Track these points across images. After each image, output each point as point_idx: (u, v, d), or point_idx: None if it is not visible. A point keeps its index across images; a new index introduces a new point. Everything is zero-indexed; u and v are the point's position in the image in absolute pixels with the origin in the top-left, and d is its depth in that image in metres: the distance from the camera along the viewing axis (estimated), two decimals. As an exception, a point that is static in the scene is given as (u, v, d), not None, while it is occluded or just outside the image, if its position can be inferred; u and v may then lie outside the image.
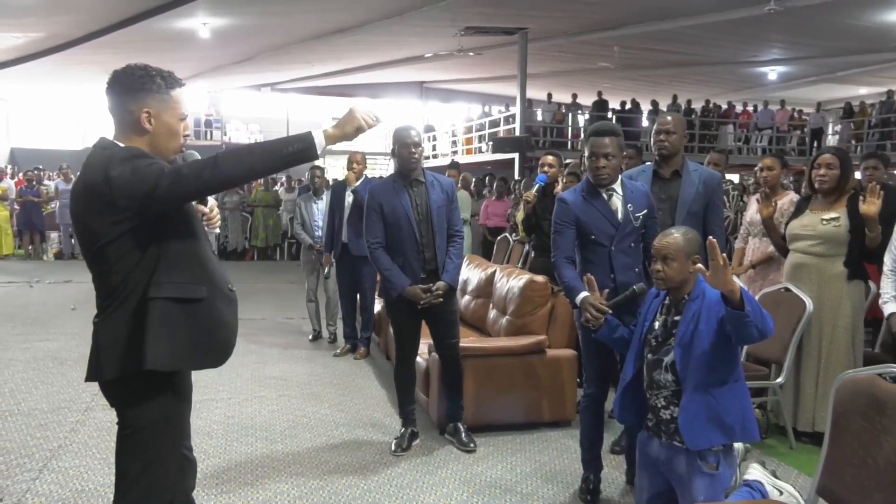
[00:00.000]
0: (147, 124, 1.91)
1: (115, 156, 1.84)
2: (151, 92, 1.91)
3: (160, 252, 1.90)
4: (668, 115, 3.61)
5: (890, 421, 1.96)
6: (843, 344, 3.69)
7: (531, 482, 3.36)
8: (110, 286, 1.91)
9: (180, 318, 1.90)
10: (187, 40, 14.14)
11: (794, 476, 3.39)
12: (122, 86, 1.91)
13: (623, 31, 14.18)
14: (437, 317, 3.72)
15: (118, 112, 1.93)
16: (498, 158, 15.96)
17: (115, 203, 1.81)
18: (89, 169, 1.87)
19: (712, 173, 3.59)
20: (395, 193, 3.66)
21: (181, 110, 1.98)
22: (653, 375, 2.78)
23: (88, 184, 1.86)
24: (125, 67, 1.94)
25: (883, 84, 17.95)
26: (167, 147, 1.97)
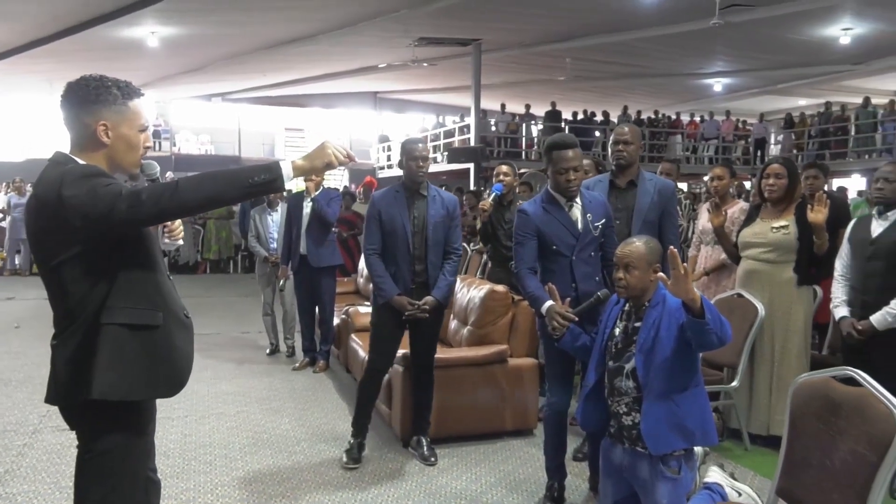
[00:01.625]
0: (104, 137, 1.83)
1: (70, 173, 1.74)
2: (108, 103, 1.82)
3: (114, 276, 1.81)
4: (626, 126, 3.68)
5: (845, 422, 2.03)
6: (796, 348, 3.81)
7: (496, 492, 3.37)
8: (65, 308, 1.83)
9: (133, 345, 1.82)
10: (135, 49, 13.82)
11: (751, 477, 3.47)
12: (76, 98, 1.82)
13: (575, 43, 14.45)
14: (421, 330, 3.72)
15: (73, 125, 1.84)
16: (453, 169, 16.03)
17: (68, 223, 1.72)
18: (43, 185, 1.78)
19: (667, 183, 3.67)
20: (395, 204, 3.66)
21: (140, 121, 1.90)
22: (614, 382, 2.83)
23: (41, 201, 1.78)
24: (80, 79, 1.85)
25: (821, 96, 18.72)
26: (126, 160, 1.89)
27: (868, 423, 1.97)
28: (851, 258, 3.51)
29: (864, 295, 3.39)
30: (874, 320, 3.28)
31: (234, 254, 13.28)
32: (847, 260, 3.54)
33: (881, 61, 15.42)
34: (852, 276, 3.50)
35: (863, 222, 3.52)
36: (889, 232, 3.33)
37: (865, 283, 3.40)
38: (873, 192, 3.45)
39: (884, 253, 3.33)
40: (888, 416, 1.92)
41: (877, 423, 1.94)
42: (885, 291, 3.30)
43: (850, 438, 1.99)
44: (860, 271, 3.44)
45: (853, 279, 3.49)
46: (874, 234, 3.38)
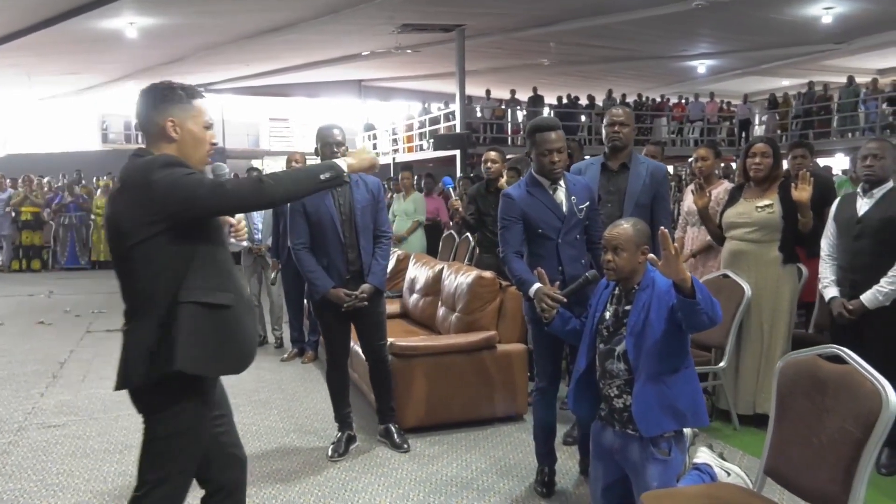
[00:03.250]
0: (173, 133, 2.00)
1: (157, 160, 1.93)
2: (174, 102, 2.00)
3: (192, 257, 1.95)
4: (619, 108, 3.66)
5: (832, 400, 2.03)
6: (784, 327, 3.83)
7: (487, 478, 3.37)
8: (138, 292, 1.96)
9: (208, 323, 1.95)
10: (114, 41, 13.63)
11: (740, 457, 3.49)
12: (147, 100, 2.02)
13: (558, 28, 14.38)
14: (363, 319, 3.68)
15: (146, 124, 2.03)
16: (439, 156, 15.98)
17: (154, 203, 1.88)
18: (129, 171, 1.96)
19: (659, 165, 3.65)
20: (317, 194, 3.58)
21: (205, 118, 2.06)
22: (605, 365, 2.82)
23: (129, 185, 1.95)
24: (150, 85, 2.05)
25: (804, 76, 18.77)
26: (195, 155, 2.05)
27: (854, 400, 1.97)
28: (838, 237, 3.49)
29: (852, 274, 3.38)
30: (865, 299, 3.27)
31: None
32: (833, 239, 3.53)
33: (863, 40, 15.47)
34: (839, 256, 3.49)
35: (847, 201, 3.50)
36: (875, 210, 3.32)
37: (853, 262, 3.39)
38: (861, 170, 3.41)
39: (871, 231, 3.31)
40: (874, 394, 1.93)
41: (863, 401, 1.94)
42: (873, 269, 3.28)
43: (837, 416, 2.00)
44: (847, 250, 3.43)
45: (840, 258, 3.48)
46: (860, 213, 3.37)
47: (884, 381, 1.93)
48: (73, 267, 12.04)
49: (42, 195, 12.15)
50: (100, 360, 5.69)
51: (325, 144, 3.58)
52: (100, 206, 12.16)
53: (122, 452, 3.71)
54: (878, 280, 3.26)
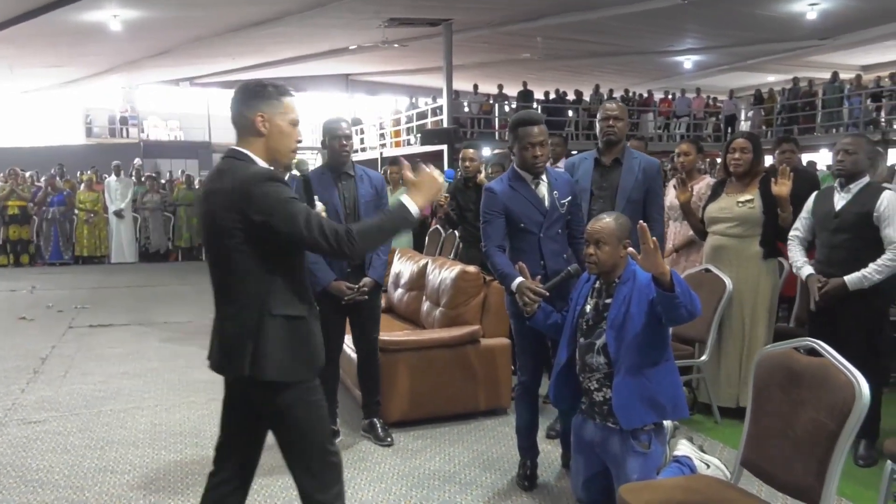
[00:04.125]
0: (262, 127, 2.08)
1: (259, 174, 2.02)
2: (263, 98, 2.09)
3: (277, 265, 2.07)
4: (614, 103, 3.66)
5: (807, 392, 2.05)
6: (764, 321, 3.86)
7: (470, 471, 3.38)
8: (230, 287, 2.07)
9: (290, 334, 2.08)
10: (97, 33, 13.49)
11: (720, 450, 3.52)
12: (239, 96, 2.12)
13: (545, 22, 14.39)
14: (361, 313, 3.69)
15: (238, 119, 2.11)
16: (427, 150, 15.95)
17: (249, 213, 1.98)
18: (230, 175, 2.04)
19: (652, 161, 3.64)
20: (323, 186, 3.59)
21: (292, 115, 2.14)
22: (585, 359, 2.84)
23: (230, 188, 2.02)
24: (243, 82, 2.16)
25: (789, 72, 18.89)
26: (281, 150, 2.13)
27: (829, 392, 1.99)
28: (816, 232, 3.53)
29: (829, 268, 3.41)
30: (848, 280, 3.28)
31: (206, 241, 13.11)
32: (803, 232, 3.58)
33: (847, 36, 15.59)
34: (818, 250, 3.53)
35: (825, 195, 3.54)
36: (852, 204, 3.36)
37: (830, 256, 3.42)
38: (835, 166, 3.48)
39: (848, 225, 3.35)
40: (848, 385, 1.95)
41: (837, 392, 1.97)
42: (849, 263, 3.32)
43: (812, 408, 2.02)
44: (825, 244, 3.46)
45: (819, 253, 3.52)
46: (837, 207, 3.40)
47: (857, 373, 1.96)
48: (57, 262, 11.93)
49: (28, 189, 12.02)
50: (82, 356, 5.65)
51: (333, 138, 3.60)
52: (83, 200, 12.06)
53: (104, 448, 3.69)
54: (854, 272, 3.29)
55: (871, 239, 3.29)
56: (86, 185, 12.31)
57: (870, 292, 3.29)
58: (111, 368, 5.28)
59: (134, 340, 6.25)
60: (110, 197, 12.17)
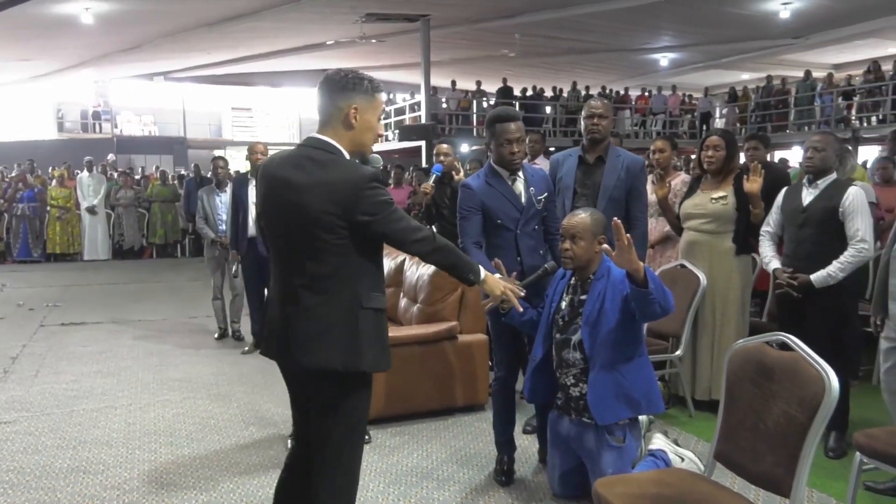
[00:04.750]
0: (353, 120, 2.08)
1: (365, 174, 2.03)
2: (360, 91, 2.08)
3: (368, 258, 2.09)
4: (598, 100, 3.65)
5: (778, 386, 2.09)
6: (735, 315, 3.91)
7: (447, 467, 3.38)
8: (321, 281, 2.04)
9: (378, 325, 2.12)
10: (68, 26, 13.25)
11: (694, 443, 3.57)
12: (335, 85, 2.08)
13: (522, 19, 14.42)
14: None
15: (328, 108, 2.09)
16: (405, 147, 15.92)
17: (356, 211, 1.99)
18: (334, 169, 2.03)
19: (636, 159, 3.63)
20: None
21: (381, 111, 2.17)
22: (562, 355, 2.86)
23: (333, 184, 2.01)
24: (338, 70, 2.12)
25: (763, 70, 19.15)
26: (366, 142, 2.14)
27: (799, 385, 2.02)
28: (784, 226, 3.59)
29: (796, 261, 3.46)
30: (814, 278, 3.34)
31: (181, 237, 12.96)
32: (774, 227, 3.65)
33: (819, 35, 15.84)
34: (785, 245, 3.60)
35: (793, 191, 3.60)
36: (818, 200, 3.41)
37: (797, 250, 3.48)
38: (804, 162, 3.54)
39: (814, 221, 3.41)
40: (818, 379, 1.98)
41: (808, 386, 2.00)
42: (815, 257, 3.38)
43: (783, 401, 2.05)
44: (792, 239, 3.53)
45: (786, 247, 3.59)
46: (805, 203, 3.46)
47: (827, 366, 1.99)
48: (26, 259, 11.71)
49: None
50: (53, 355, 5.55)
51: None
52: (55, 196, 11.84)
53: (76, 448, 3.64)
54: (819, 267, 3.35)
55: (837, 234, 3.35)
56: (57, 181, 12.08)
57: (835, 288, 3.35)
58: (84, 367, 5.20)
59: (107, 339, 6.16)
60: (83, 193, 11.97)
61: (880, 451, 2.46)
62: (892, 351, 3.06)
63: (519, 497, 3.06)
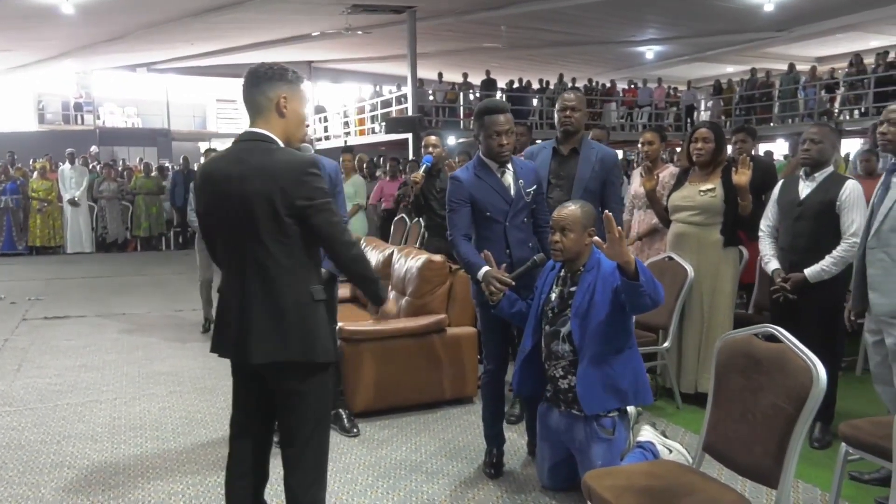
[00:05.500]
0: (284, 109, 2.11)
1: (307, 160, 2.07)
2: (286, 81, 2.12)
3: (312, 253, 2.12)
4: (572, 93, 3.67)
5: (766, 378, 2.10)
6: (723, 308, 3.92)
7: (436, 460, 3.38)
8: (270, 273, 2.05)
9: (323, 316, 2.14)
10: (48, 17, 13.03)
11: (682, 434, 3.59)
12: (261, 76, 2.11)
13: (509, 11, 14.37)
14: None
15: (258, 99, 2.10)
16: (392, 139, 15.85)
17: (294, 200, 2.01)
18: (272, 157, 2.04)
19: (609, 152, 3.66)
20: None
21: (306, 101, 2.21)
22: (551, 347, 2.86)
23: (275, 171, 2.02)
24: (261, 64, 2.15)
25: (747, 63, 19.24)
26: (296, 133, 2.17)
27: (787, 377, 2.03)
28: (780, 219, 3.58)
29: (792, 254, 3.46)
30: (808, 273, 3.35)
31: (165, 230, 12.85)
32: (773, 221, 3.63)
33: (802, 28, 15.94)
34: (781, 237, 3.58)
35: (790, 184, 3.59)
36: (815, 193, 3.40)
37: (793, 243, 3.47)
38: (800, 154, 3.51)
39: (811, 213, 3.39)
40: (806, 370, 1.99)
41: (795, 377, 2.01)
42: (811, 250, 3.37)
43: (771, 392, 2.06)
44: (788, 232, 3.51)
45: (781, 239, 3.57)
46: (801, 196, 3.45)
47: (815, 358, 2.00)
48: (10, 253, 11.56)
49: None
50: (36, 349, 5.49)
51: None
52: (36, 188, 11.69)
53: (60, 443, 3.60)
54: (815, 260, 3.35)
55: (833, 227, 3.33)
56: (39, 174, 11.93)
57: (829, 281, 3.35)
58: (67, 361, 5.15)
59: (91, 332, 6.09)
60: (64, 185, 11.83)
61: (865, 442, 2.48)
62: (879, 344, 3.05)
63: (508, 489, 3.06)
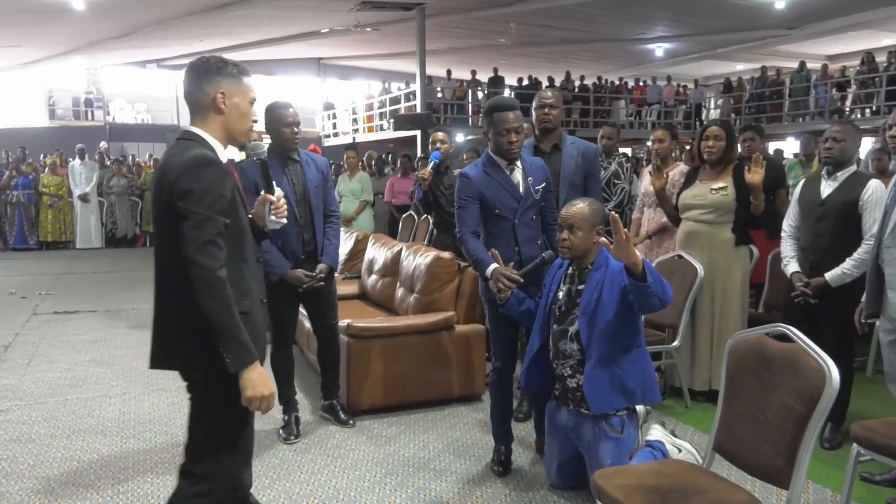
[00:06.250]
0: (222, 105, 2.02)
1: (195, 158, 1.91)
2: (225, 75, 2.02)
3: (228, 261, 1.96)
4: (549, 91, 3.74)
5: (778, 377, 2.08)
6: (734, 306, 3.90)
7: (444, 458, 3.38)
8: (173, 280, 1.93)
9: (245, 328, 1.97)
10: (59, 12, 13.08)
11: (691, 434, 3.57)
12: (200, 70, 2.02)
13: (518, 8, 14.34)
14: (317, 299, 3.66)
15: (196, 94, 2.02)
16: (400, 136, 15.85)
17: (172, 199, 1.88)
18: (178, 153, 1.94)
19: (589, 145, 3.72)
20: (270, 172, 3.51)
21: (251, 95, 2.09)
22: (559, 345, 2.85)
23: (168, 170, 1.92)
24: (200, 57, 2.07)
25: (757, 61, 19.12)
26: (238, 129, 2.08)
27: (799, 377, 2.02)
28: (801, 219, 3.52)
29: (812, 255, 3.41)
30: (829, 277, 3.30)
31: (174, 226, 12.88)
32: (794, 220, 3.57)
33: (814, 26, 15.82)
34: (802, 237, 3.52)
35: (812, 183, 3.53)
36: (838, 193, 3.35)
37: (814, 244, 3.41)
38: (822, 153, 3.45)
39: (833, 213, 3.34)
40: (818, 370, 1.98)
41: (807, 377, 1.99)
42: (833, 251, 3.32)
43: (782, 392, 2.04)
44: (809, 232, 3.45)
45: (802, 240, 3.51)
46: (823, 195, 3.39)
47: (827, 358, 1.98)
48: (21, 247, 11.63)
49: (-8, 173, 11.69)
50: (46, 343, 5.52)
51: (283, 125, 3.49)
52: (47, 184, 11.76)
53: (70, 437, 3.62)
54: (837, 262, 3.29)
55: (855, 227, 3.28)
56: (50, 169, 11.99)
57: (849, 283, 3.28)
58: (77, 356, 5.17)
59: (101, 327, 6.12)
60: (74, 181, 11.89)
61: (877, 443, 2.46)
62: (894, 344, 3.00)
63: (516, 487, 3.06)
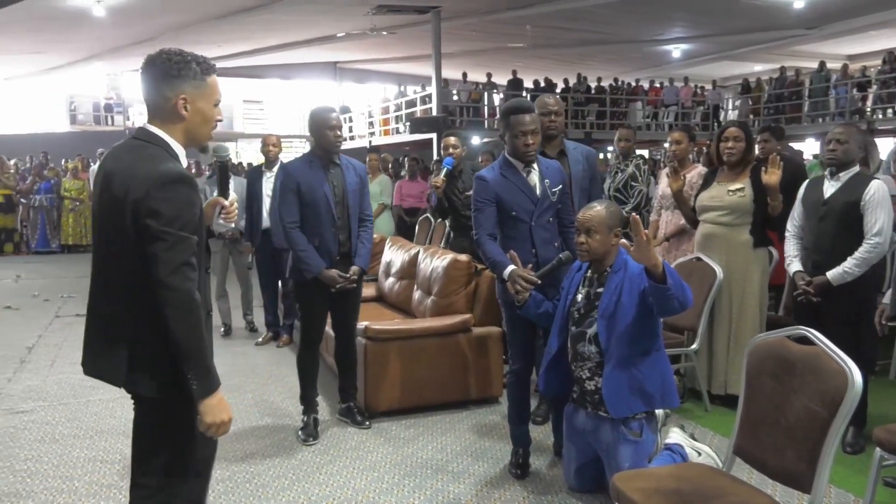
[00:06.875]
0: (183, 111, 1.87)
1: (166, 174, 1.77)
2: (188, 78, 1.87)
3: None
4: (551, 97, 3.77)
5: (799, 381, 2.07)
6: (752, 309, 3.88)
7: (462, 460, 3.38)
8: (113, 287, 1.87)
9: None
10: (80, 19, 13.27)
11: (710, 437, 3.55)
12: (158, 71, 1.86)
13: (534, 10, 14.33)
14: (345, 300, 3.71)
15: (154, 98, 1.88)
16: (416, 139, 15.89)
17: (139, 216, 1.76)
18: (141, 162, 1.80)
19: (589, 149, 3.81)
20: (313, 174, 3.58)
21: (216, 96, 1.96)
22: (577, 348, 2.84)
23: (134, 178, 1.78)
24: (161, 52, 1.89)
25: (776, 61, 18.94)
26: (200, 133, 1.95)
27: (821, 380, 2.00)
28: (804, 219, 3.54)
29: (815, 255, 3.42)
30: (831, 276, 3.31)
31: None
32: (799, 220, 3.58)
33: (833, 26, 15.64)
34: (805, 237, 3.54)
35: (815, 183, 3.55)
36: (840, 193, 3.36)
37: (817, 243, 3.43)
38: (825, 154, 3.48)
39: (835, 213, 3.36)
40: (840, 373, 1.96)
41: (829, 381, 1.98)
42: (835, 251, 3.33)
43: (804, 396, 2.03)
44: (812, 231, 3.47)
45: (805, 239, 3.53)
46: (826, 195, 3.41)
47: (850, 361, 1.97)
48: (44, 251, 11.79)
49: (13, 177, 11.86)
50: (69, 345, 5.60)
51: (327, 128, 3.57)
52: (69, 188, 11.93)
53: (93, 438, 3.67)
54: (838, 261, 3.30)
55: (857, 227, 3.30)
56: (71, 174, 12.17)
57: (853, 283, 3.30)
58: (99, 358, 5.23)
59: (121, 330, 6.18)
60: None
61: (901, 447, 2.43)
62: None
63: (534, 490, 3.05)
